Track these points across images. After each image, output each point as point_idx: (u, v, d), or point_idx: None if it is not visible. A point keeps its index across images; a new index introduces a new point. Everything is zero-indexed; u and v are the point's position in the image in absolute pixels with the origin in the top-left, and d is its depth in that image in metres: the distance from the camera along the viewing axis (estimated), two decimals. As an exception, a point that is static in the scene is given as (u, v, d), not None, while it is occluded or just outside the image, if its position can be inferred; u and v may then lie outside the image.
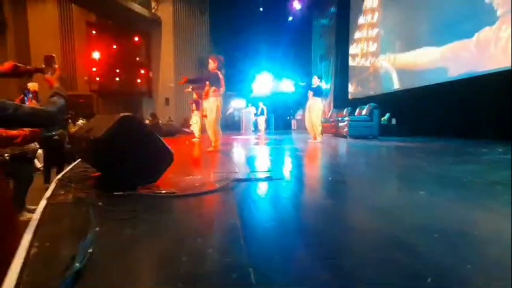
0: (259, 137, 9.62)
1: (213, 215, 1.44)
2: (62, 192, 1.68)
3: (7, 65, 1.42)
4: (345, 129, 7.51)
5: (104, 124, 1.81)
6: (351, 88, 13.19)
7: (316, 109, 5.94)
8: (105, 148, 1.68)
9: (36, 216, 1.23)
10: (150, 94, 16.77)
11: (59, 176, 2.16)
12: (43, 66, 1.47)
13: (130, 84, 15.96)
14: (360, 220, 1.32)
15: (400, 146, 5.10)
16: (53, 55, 1.48)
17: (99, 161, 1.81)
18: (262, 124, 10.80)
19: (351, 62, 13.13)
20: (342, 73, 13.90)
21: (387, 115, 8.89)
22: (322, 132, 6.55)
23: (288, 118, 19.72)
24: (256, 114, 13.47)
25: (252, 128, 14.58)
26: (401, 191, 1.98)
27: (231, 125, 16.06)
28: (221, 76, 4.16)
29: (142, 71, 16.00)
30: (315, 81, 6.27)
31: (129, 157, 1.71)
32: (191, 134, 11.18)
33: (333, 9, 14.37)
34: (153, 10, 15.51)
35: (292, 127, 19.19)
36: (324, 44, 15.31)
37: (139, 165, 1.75)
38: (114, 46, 14.30)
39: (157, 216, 1.32)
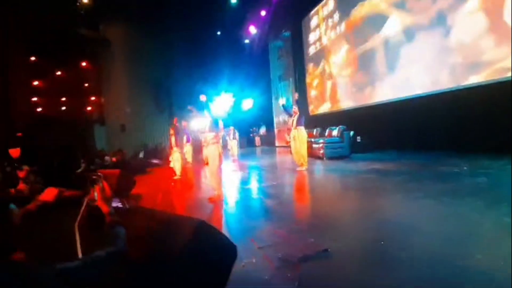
0: (236, 163, 9.48)
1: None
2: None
3: (50, 192, 1.17)
4: (321, 151, 7.89)
5: (167, 226, 1.59)
6: (311, 106, 13.98)
7: (302, 139, 6.09)
8: (177, 264, 1.47)
9: None
10: (102, 122, 15.36)
11: None
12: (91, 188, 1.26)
13: (78, 112, 14.39)
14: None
15: (381, 169, 5.40)
16: (100, 174, 1.27)
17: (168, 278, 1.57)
18: (234, 148, 10.68)
19: (308, 80, 13.96)
20: (301, 91, 14.64)
21: (352, 133, 9.54)
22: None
23: (251, 135, 19.88)
24: (224, 137, 13.29)
25: (221, 151, 14.29)
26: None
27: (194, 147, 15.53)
28: (220, 121, 4.04)
29: (93, 98, 14.60)
30: (295, 110, 6.42)
31: (201, 269, 1.53)
32: (161, 166, 10.48)
33: (286, 33, 15.20)
34: (101, 33, 14.45)
35: (256, 144, 19.40)
36: (282, 65, 16.01)
37: (208, 273, 1.58)
38: (58, 73, 12.80)
39: None
